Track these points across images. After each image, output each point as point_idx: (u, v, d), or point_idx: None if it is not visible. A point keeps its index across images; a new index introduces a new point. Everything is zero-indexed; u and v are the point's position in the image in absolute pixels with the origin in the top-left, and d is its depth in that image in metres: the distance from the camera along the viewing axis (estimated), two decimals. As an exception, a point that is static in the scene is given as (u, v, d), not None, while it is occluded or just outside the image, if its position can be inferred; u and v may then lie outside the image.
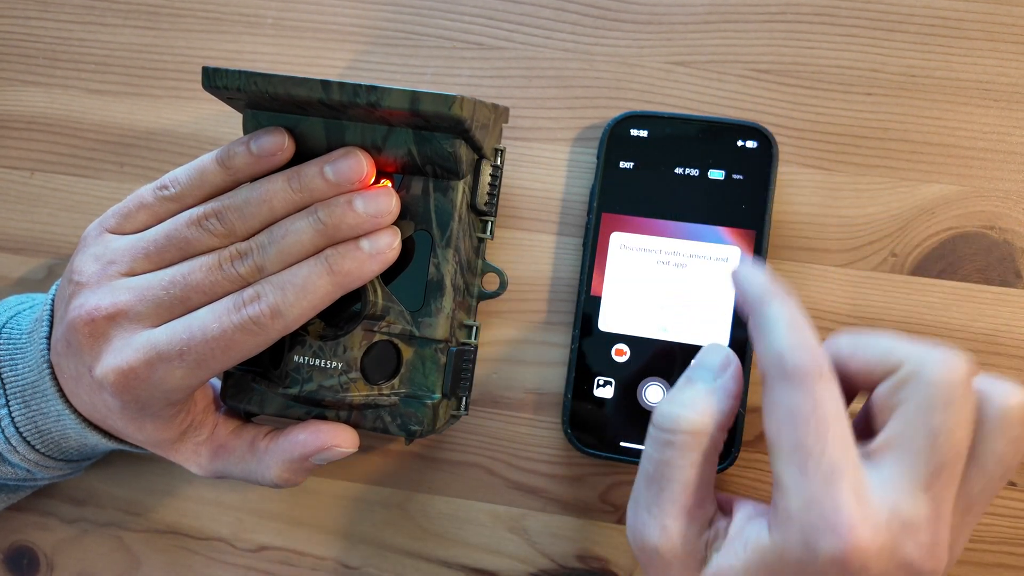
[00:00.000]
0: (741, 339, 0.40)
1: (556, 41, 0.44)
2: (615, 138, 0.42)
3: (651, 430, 0.30)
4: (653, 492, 0.29)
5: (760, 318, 0.29)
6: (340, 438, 0.35)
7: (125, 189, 0.46)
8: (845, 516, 0.25)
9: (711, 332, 0.40)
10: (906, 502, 0.26)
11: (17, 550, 0.45)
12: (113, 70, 0.46)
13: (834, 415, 0.27)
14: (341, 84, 0.33)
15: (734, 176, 0.41)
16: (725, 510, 0.31)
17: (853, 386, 0.30)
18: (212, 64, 0.46)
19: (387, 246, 0.34)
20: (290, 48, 0.45)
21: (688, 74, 0.43)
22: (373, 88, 0.33)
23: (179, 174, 0.35)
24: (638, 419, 0.40)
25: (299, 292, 0.33)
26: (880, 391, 0.28)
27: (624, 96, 0.43)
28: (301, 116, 0.35)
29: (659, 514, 0.29)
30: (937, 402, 0.27)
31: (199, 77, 0.46)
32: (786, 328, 0.28)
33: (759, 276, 0.30)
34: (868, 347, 0.29)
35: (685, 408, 0.29)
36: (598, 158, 0.42)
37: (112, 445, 0.38)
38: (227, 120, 0.46)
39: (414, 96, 0.33)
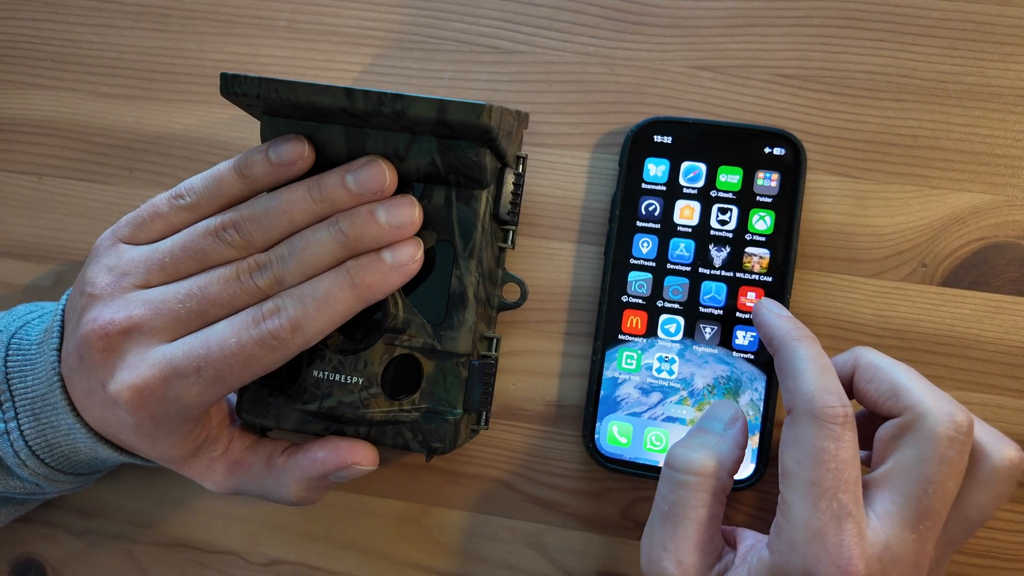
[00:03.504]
0: (767, 353, 0.39)
1: (576, 45, 0.43)
2: (638, 144, 0.41)
3: (665, 471, 0.33)
4: (668, 529, 0.32)
5: (788, 357, 0.32)
6: (360, 456, 0.34)
7: (135, 194, 0.45)
8: (847, 551, 0.28)
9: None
10: (896, 539, 0.29)
11: (24, 562, 0.44)
12: (123, 73, 0.45)
13: (851, 460, 0.30)
14: (366, 92, 0.32)
15: (761, 184, 0.40)
16: (730, 542, 0.33)
17: (857, 398, 0.34)
18: (224, 68, 0.45)
19: (410, 258, 0.33)
20: (304, 51, 0.44)
21: (713, 79, 0.42)
22: (398, 97, 0.32)
23: (195, 183, 0.34)
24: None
25: (320, 305, 0.32)
26: (886, 429, 0.32)
27: (646, 101, 0.42)
28: (320, 123, 0.34)
29: (674, 549, 0.32)
30: (933, 455, 0.30)
31: (211, 81, 0.45)
32: (817, 372, 0.31)
33: (784, 317, 0.34)
34: (885, 381, 0.32)
35: (697, 452, 0.32)
36: (620, 165, 0.41)
37: (123, 459, 0.37)
38: (239, 125, 0.45)
39: (441, 105, 0.32)
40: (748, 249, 0.40)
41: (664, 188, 0.40)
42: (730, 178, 0.40)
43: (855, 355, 0.34)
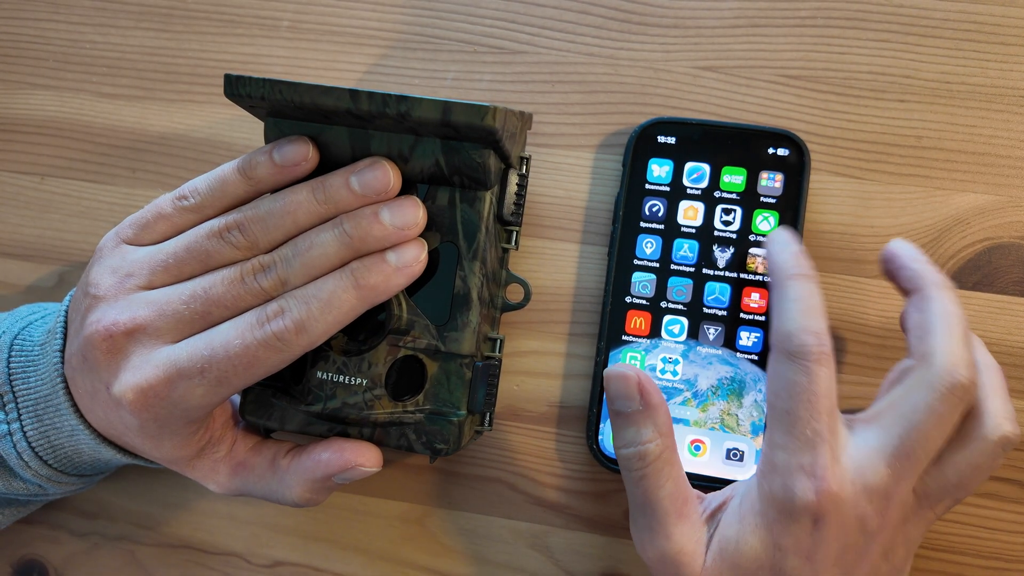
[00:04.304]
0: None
1: (580, 45, 0.43)
2: (641, 145, 0.41)
3: (624, 473, 0.34)
4: (648, 514, 0.33)
5: (780, 293, 0.33)
6: (364, 457, 0.34)
7: (137, 195, 0.45)
8: (819, 468, 0.30)
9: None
10: (869, 468, 0.31)
11: (26, 564, 0.44)
12: (125, 73, 0.45)
13: (824, 393, 0.31)
14: (370, 94, 0.32)
15: (764, 185, 0.40)
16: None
17: (902, 319, 0.35)
18: (226, 68, 0.45)
19: (414, 259, 0.33)
20: (307, 52, 0.44)
21: (716, 79, 0.42)
22: (403, 98, 0.32)
23: (199, 184, 0.34)
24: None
25: (324, 306, 0.32)
26: (893, 372, 0.33)
27: (650, 102, 0.42)
28: (324, 125, 0.34)
29: (660, 528, 0.33)
30: (923, 405, 0.31)
31: (213, 81, 0.45)
32: (800, 311, 0.32)
33: (788, 250, 0.34)
34: (926, 320, 0.33)
35: (639, 445, 0.33)
36: (624, 165, 0.41)
37: (127, 460, 0.37)
38: (242, 125, 0.45)
39: (446, 107, 0.31)
40: (752, 250, 0.40)
41: (668, 189, 0.40)
42: (734, 179, 0.40)
43: (928, 283, 0.34)
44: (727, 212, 0.40)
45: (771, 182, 0.40)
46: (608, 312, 0.40)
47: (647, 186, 0.41)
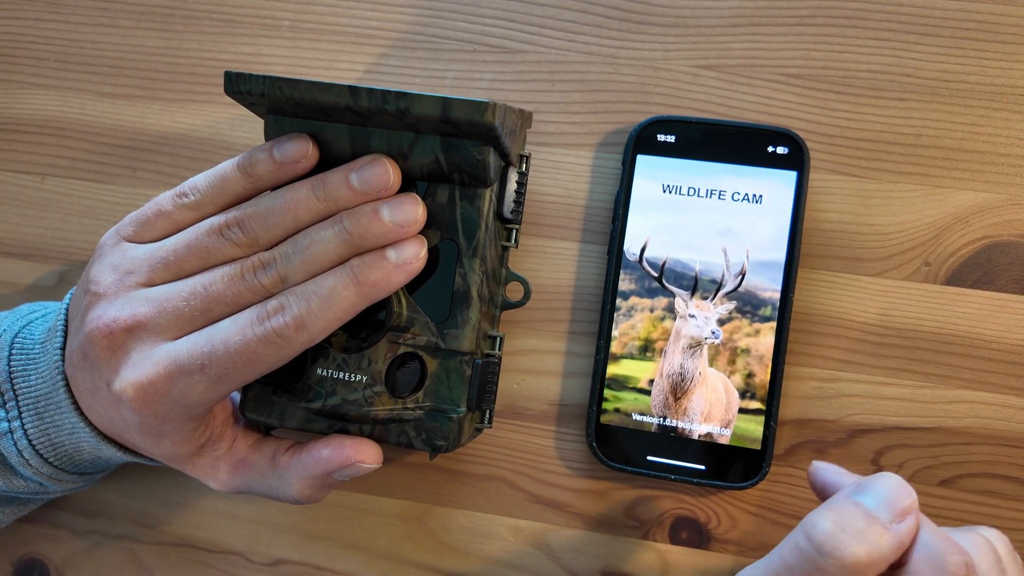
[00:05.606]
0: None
1: (580, 44, 0.43)
2: (641, 143, 0.41)
3: (805, 543, 0.27)
4: None
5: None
6: (364, 454, 0.34)
7: (138, 194, 0.45)
8: None
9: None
10: None
11: (27, 562, 0.44)
12: (126, 73, 0.46)
13: None
14: (370, 90, 0.32)
15: (764, 183, 0.40)
16: None
17: None
18: (227, 68, 0.45)
19: (414, 256, 0.33)
20: (307, 51, 0.44)
21: (716, 78, 0.42)
22: (403, 95, 0.32)
23: (199, 181, 0.34)
24: (665, 432, 0.39)
25: (324, 303, 0.32)
26: None
27: (650, 100, 0.42)
28: (324, 122, 0.34)
29: None
30: None
31: (214, 80, 0.45)
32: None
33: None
34: None
35: (856, 546, 0.27)
36: (623, 164, 0.41)
37: (127, 458, 0.37)
38: (242, 124, 0.45)
39: (445, 103, 0.32)
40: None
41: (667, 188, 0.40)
42: (733, 177, 0.40)
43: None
44: (727, 211, 0.40)
45: (771, 181, 0.40)
46: (608, 310, 0.40)
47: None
